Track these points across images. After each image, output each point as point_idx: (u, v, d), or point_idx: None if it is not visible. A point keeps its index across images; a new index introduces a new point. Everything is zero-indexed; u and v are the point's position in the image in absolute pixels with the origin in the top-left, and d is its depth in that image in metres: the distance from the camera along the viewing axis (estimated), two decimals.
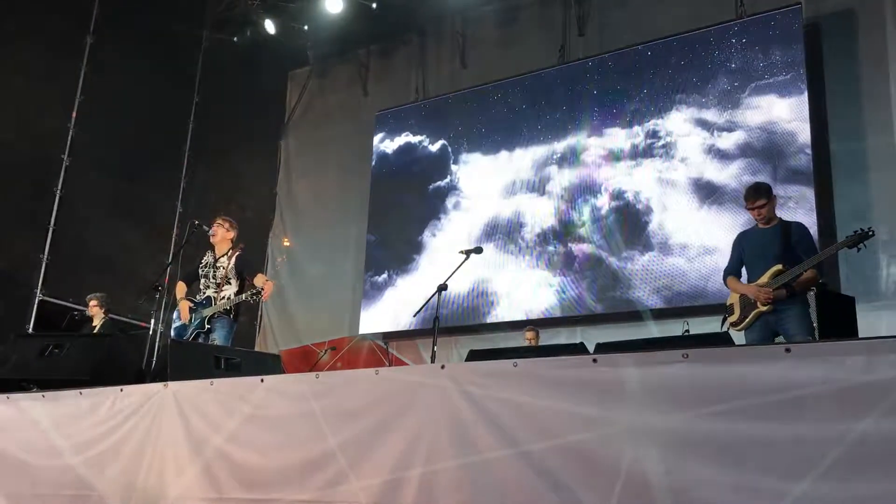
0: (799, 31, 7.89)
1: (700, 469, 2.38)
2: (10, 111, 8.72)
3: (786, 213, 7.45)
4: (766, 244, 5.17)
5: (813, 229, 7.26)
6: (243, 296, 5.73)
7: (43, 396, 4.19)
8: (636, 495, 2.45)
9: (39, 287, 9.12)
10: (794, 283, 4.94)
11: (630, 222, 8.50)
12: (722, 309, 5.50)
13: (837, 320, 5.70)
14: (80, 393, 4.06)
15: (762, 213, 5.20)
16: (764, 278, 5.06)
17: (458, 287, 9.05)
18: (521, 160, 9.52)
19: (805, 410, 2.29)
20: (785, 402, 2.32)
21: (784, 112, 7.82)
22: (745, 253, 5.34)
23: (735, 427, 2.38)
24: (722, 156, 8.11)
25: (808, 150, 7.60)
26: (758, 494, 2.30)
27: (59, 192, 9.40)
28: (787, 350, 2.40)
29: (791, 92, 7.81)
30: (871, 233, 4.80)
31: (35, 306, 9.04)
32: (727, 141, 8.11)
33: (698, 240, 7.99)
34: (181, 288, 6.17)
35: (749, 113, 8.04)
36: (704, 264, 7.83)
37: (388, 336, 9.93)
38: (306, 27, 11.29)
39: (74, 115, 9.62)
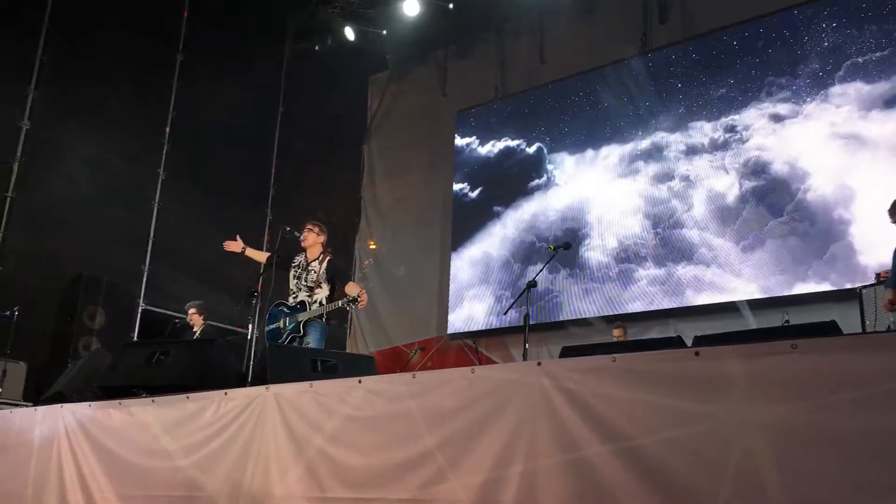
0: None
1: (815, 464, 2.29)
2: (109, 131, 9.14)
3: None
4: None
5: None
6: (339, 303, 5.78)
7: (153, 401, 4.36)
8: (748, 492, 2.37)
9: (142, 297, 9.54)
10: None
11: (721, 213, 8.27)
12: (821, 297, 5.30)
13: None
14: (188, 397, 4.21)
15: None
16: None
17: (547, 283, 8.99)
18: (607, 155, 9.38)
19: None
20: None
21: (882, 89, 7.45)
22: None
23: (849, 419, 2.28)
24: (819, 139, 7.79)
25: None
26: (877, 489, 2.19)
27: (156, 205, 9.82)
28: None
29: (889, 68, 7.44)
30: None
31: (139, 316, 9.46)
32: (822, 123, 7.78)
33: (792, 229, 7.70)
34: (264, 254, 6.49)
35: (845, 91, 7.69)
36: (800, 253, 7.53)
37: (477, 335, 9.94)
38: (385, 32, 11.45)
39: (168, 130, 10.03)
